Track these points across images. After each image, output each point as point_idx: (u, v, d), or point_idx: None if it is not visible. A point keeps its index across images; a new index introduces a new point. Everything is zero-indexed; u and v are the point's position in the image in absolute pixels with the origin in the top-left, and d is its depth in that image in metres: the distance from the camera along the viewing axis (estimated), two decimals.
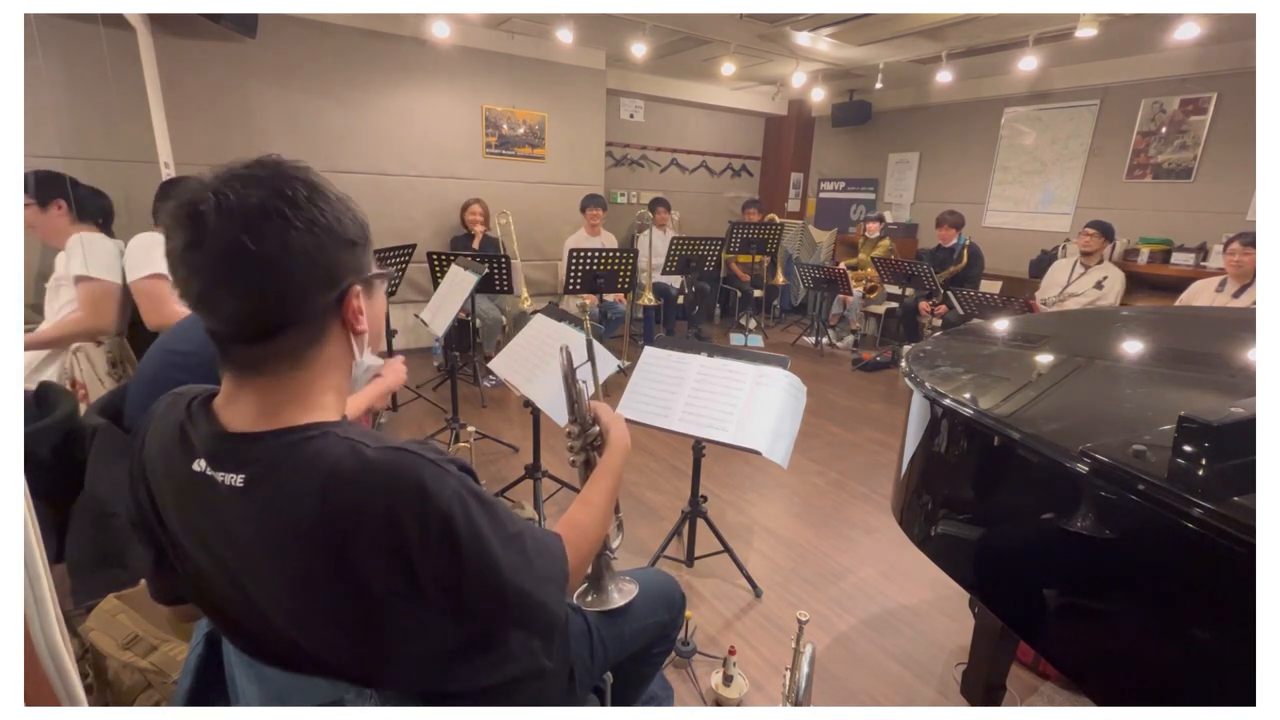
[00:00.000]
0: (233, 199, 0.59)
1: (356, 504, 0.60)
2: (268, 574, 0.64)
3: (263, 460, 0.63)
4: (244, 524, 0.63)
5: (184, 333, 1.57)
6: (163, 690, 1.14)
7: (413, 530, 0.60)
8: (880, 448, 3.31)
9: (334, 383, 0.70)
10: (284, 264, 0.60)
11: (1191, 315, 2.29)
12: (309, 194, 0.62)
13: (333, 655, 0.67)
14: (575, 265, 3.91)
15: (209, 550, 0.67)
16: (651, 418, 1.89)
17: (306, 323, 0.65)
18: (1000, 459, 1.02)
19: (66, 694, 0.89)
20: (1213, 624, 0.73)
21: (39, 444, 1.31)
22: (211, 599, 0.71)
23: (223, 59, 3.70)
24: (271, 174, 0.62)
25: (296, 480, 0.61)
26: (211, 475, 0.64)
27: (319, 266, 0.63)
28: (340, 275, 0.66)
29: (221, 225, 0.58)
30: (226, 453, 0.64)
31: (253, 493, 0.62)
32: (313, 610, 0.64)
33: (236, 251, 0.58)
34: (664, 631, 1.19)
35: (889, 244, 5.49)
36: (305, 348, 0.66)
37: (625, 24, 4.01)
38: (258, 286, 0.60)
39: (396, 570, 0.61)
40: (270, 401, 0.65)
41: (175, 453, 0.68)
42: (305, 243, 0.61)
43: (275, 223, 0.59)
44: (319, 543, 0.60)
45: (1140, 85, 4.52)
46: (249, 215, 0.59)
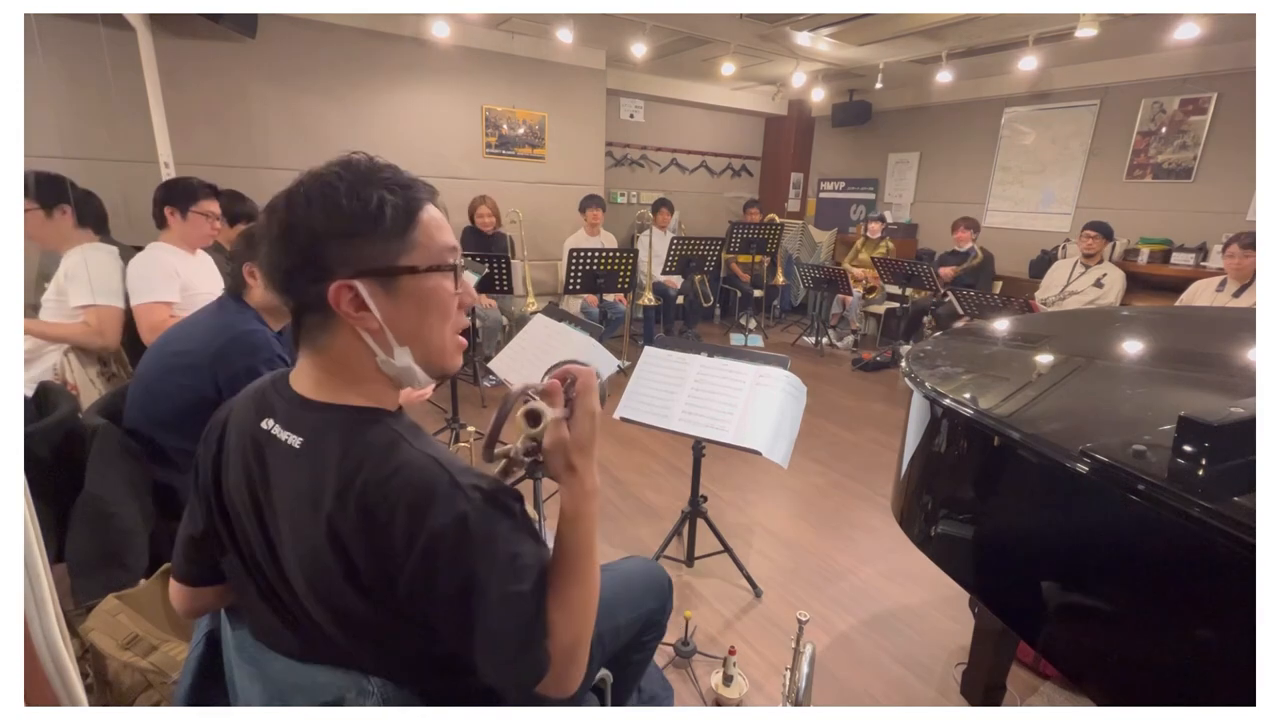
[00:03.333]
0: (276, 198, 0.67)
1: (372, 496, 0.62)
2: (295, 539, 0.67)
3: (318, 428, 0.68)
4: (290, 481, 0.67)
5: (183, 333, 1.58)
6: (163, 690, 1.14)
7: (400, 537, 0.62)
8: (880, 448, 3.31)
9: (364, 371, 0.70)
10: (280, 246, 0.65)
11: (1191, 315, 2.29)
12: (307, 186, 0.65)
13: (335, 629, 0.68)
14: (575, 265, 3.91)
15: (256, 511, 0.71)
16: (651, 418, 1.89)
17: (313, 307, 0.67)
18: (1000, 459, 1.02)
19: (66, 694, 0.89)
20: (1212, 624, 0.73)
21: (39, 444, 1.31)
22: (244, 570, 0.74)
23: (223, 59, 3.70)
24: (327, 167, 0.67)
25: (340, 454, 0.65)
26: (275, 434, 0.69)
27: (300, 253, 0.65)
28: (327, 265, 0.64)
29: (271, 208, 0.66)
30: (293, 415, 0.70)
31: (304, 455, 0.67)
32: (321, 581, 0.66)
33: (264, 230, 0.67)
34: (654, 619, 1.19)
35: (889, 244, 5.49)
36: (318, 332, 0.69)
37: (625, 24, 4.01)
38: (266, 265, 0.67)
39: (379, 568, 0.63)
40: (323, 375, 0.70)
41: (250, 413, 0.73)
42: (296, 227, 0.64)
43: (279, 208, 0.65)
44: (334, 515, 0.63)
45: (1140, 85, 4.52)
46: (268, 210, 0.66)
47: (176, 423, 1.51)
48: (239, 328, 1.52)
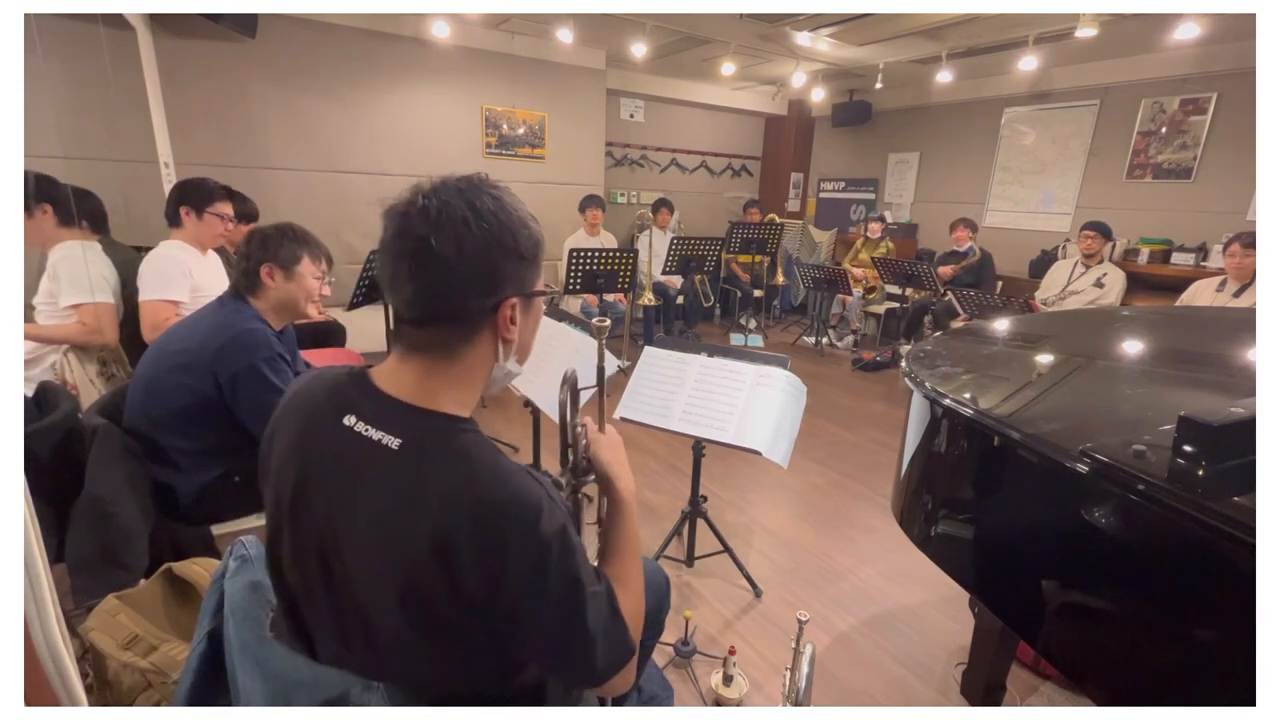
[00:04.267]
0: (433, 204, 0.68)
1: (484, 508, 0.65)
2: (384, 538, 0.68)
3: (421, 433, 0.70)
4: (388, 480, 0.68)
5: (183, 332, 1.58)
6: (163, 690, 1.14)
7: (514, 550, 0.65)
8: (880, 448, 3.31)
9: (478, 379, 0.76)
10: (455, 264, 0.68)
11: (1191, 315, 2.29)
12: (495, 208, 0.70)
13: (410, 633, 0.70)
14: (575, 265, 3.91)
15: (326, 504, 0.72)
16: (651, 418, 1.89)
17: (463, 319, 0.72)
18: (1000, 459, 1.02)
19: (66, 694, 0.89)
20: (1212, 624, 0.73)
21: (39, 444, 1.31)
22: (297, 562, 0.75)
23: (223, 59, 3.70)
24: (468, 186, 0.71)
25: (448, 464, 0.68)
26: (363, 432, 0.70)
27: (482, 272, 0.70)
28: (501, 284, 0.72)
29: (416, 224, 0.67)
30: (387, 415, 0.71)
31: (406, 457, 0.68)
32: (409, 585, 0.67)
33: (421, 247, 0.67)
34: (652, 617, 1.19)
35: (889, 244, 5.49)
36: (458, 342, 0.73)
37: (625, 24, 4.01)
38: (428, 278, 0.69)
39: (485, 578, 0.66)
40: (428, 382, 0.73)
41: (325, 408, 0.74)
42: (477, 249, 0.69)
43: (458, 228, 0.67)
44: (442, 524, 0.65)
45: (1140, 85, 4.52)
46: (439, 218, 0.67)
47: (176, 422, 1.52)
48: (239, 326, 1.52)
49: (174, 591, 1.28)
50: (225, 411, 1.51)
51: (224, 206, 2.21)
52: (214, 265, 2.27)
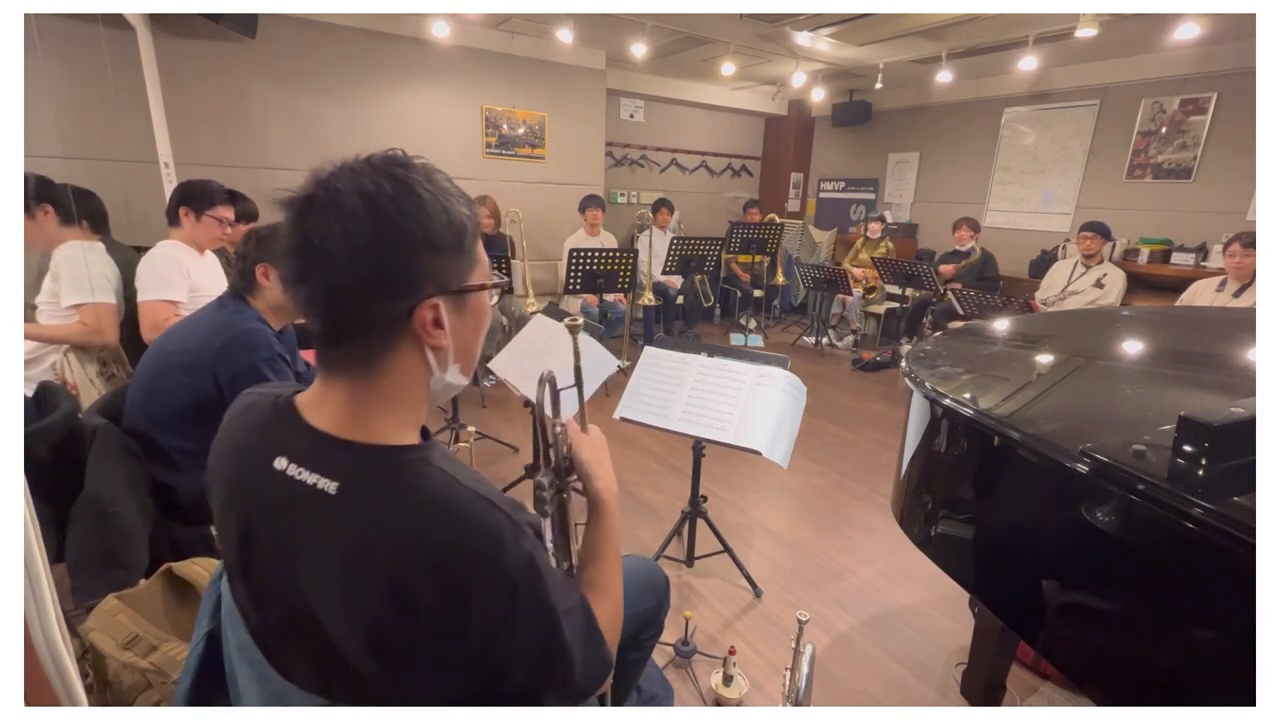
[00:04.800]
0: (321, 194, 0.58)
1: (437, 551, 0.59)
2: (343, 591, 0.61)
3: (356, 472, 0.61)
4: (331, 530, 0.61)
5: (183, 333, 1.58)
6: (163, 690, 1.14)
7: (477, 591, 0.60)
8: (880, 448, 3.31)
9: (415, 396, 0.67)
10: (348, 263, 0.58)
11: (1191, 315, 2.29)
12: (396, 192, 0.59)
13: (371, 673, 0.64)
14: (575, 265, 3.91)
15: (278, 557, 0.65)
16: (651, 418, 1.89)
17: (373, 328, 0.62)
18: (1000, 459, 1.02)
19: (66, 694, 0.89)
20: (1212, 624, 0.73)
21: (39, 444, 1.31)
22: (260, 610, 0.69)
23: (223, 59, 3.70)
24: (367, 169, 0.60)
25: (391, 506, 0.60)
26: (295, 475, 0.62)
27: (384, 271, 0.59)
28: (413, 283, 0.61)
29: (303, 218, 0.58)
30: (319, 453, 0.63)
31: (345, 503, 0.60)
32: (377, 633, 0.62)
33: (305, 245, 0.58)
34: (651, 616, 1.19)
35: (889, 244, 5.49)
36: (377, 356, 0.63)
37: (625, 24, 4.01)
38: (319, 283, 0.59)
39: (450, 621, 0.60)
40: (356, 408, 0.64)
41: (255, 451, 0.66)
42: (371, 243, 0.58)
43: (346, 221, 0.57)
44: (395, 573, 0.59)
45: (1140, 85, 4.52)
46: (324, 211, 0.58)
47: (176, 422, 1.52)
48: (239, 326, 1.52)
49: (174, 591, 1.28)
50: (225, 411, 1.51)
51: (224, 210, 2.21)
52: (212, 266, 2.28)
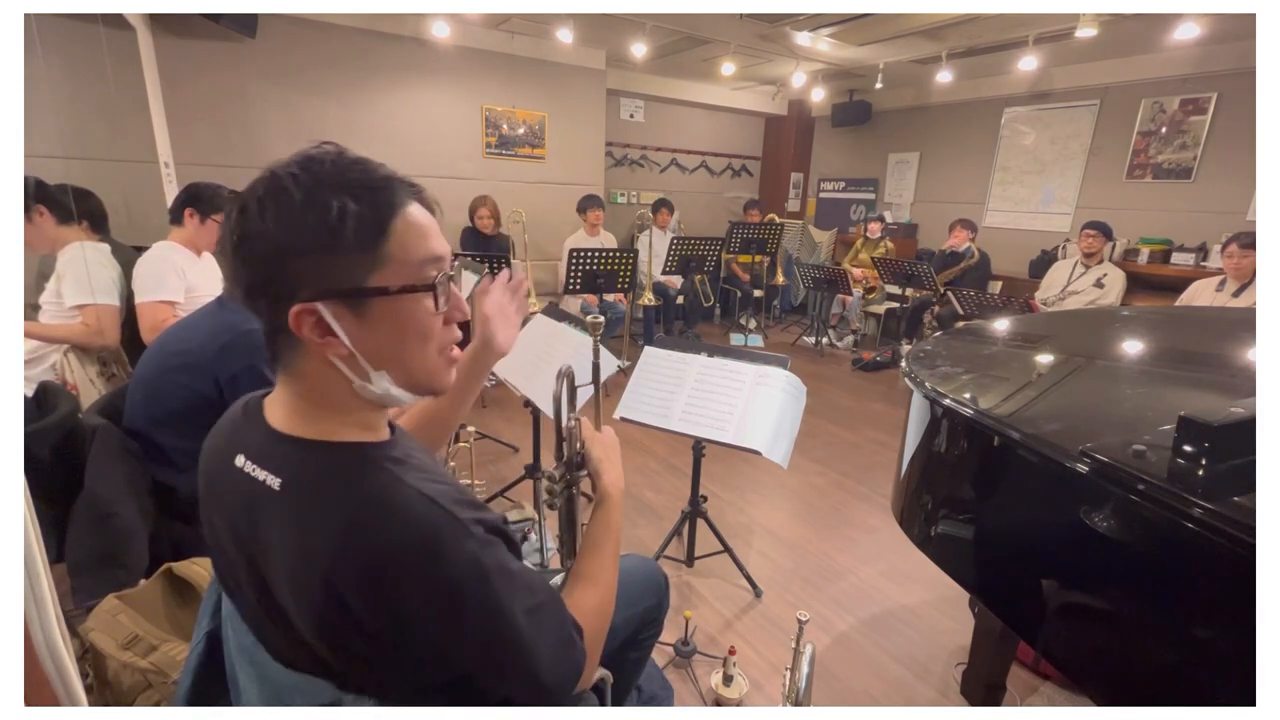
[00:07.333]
0: (245, 192, 0.59)
1: (369, 553, 0.57)
2: (293, 591, 0.61)
3: (298, 468, 0.61)
4: (275, 526, 0.61)
5: (183, 333, 1.57)
6: (163, 690, 1.14)
7: (415, 594, 0.58)
8: (880, 447, 3.31)
9: (345, 400, 0.64)
10: (233, 270, 0.60)
11: (1191, 315, 2.29)
12: (264, 192, 0.58)
13: (343, 664, 0.64)
14: (575, 265, 3.91)
15: (244, 554, 0.65)
16: (651, 418, 1.89)
17: (275, 333, 0.61)
18: (1000, 459, 1.02)
19: (66, 694, 0.89)
20: (1212, 624, 0.73)
21: (39, 444, 1.31)
22: (245, 607, 0.70)
23: (223, 59, 3.70)
24: (283, 163, 0.59)
25: (326, 505, 0.59)
26: (250, 472, 0.63)
27: (258, 269, 0.59)
28: (290, 285, 0.58)
29: (231, 216, 0.59)
30: (267, 451, 0.63)
31: (288, 501, 0.60)
32: (328, 633, 0.62)
33: (222, 247, 0.60)
34: (651, 616, 1.19)
35: (889, 244, 5.49)
36: (289, 358, 0.63)
37: (625, 24, 4.01)
38: (228, 278, 0.61)
39: (395, 621, 0.59)
40: (300, 403, 0.64)
41: (223, 449, 0.68)
42: (236, 248, 0.58)
43: (249, 220, 0.58)
44: (331, 572, 0.58)
45: (1140, 85, 4.52)
46: (237, 209, 0.59)
47: (176, 422, 1.51)
48: (240, 327, 1.51)
49: (174, 591, 1.28)
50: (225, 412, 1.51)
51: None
52: (210, 267, 2.27)
